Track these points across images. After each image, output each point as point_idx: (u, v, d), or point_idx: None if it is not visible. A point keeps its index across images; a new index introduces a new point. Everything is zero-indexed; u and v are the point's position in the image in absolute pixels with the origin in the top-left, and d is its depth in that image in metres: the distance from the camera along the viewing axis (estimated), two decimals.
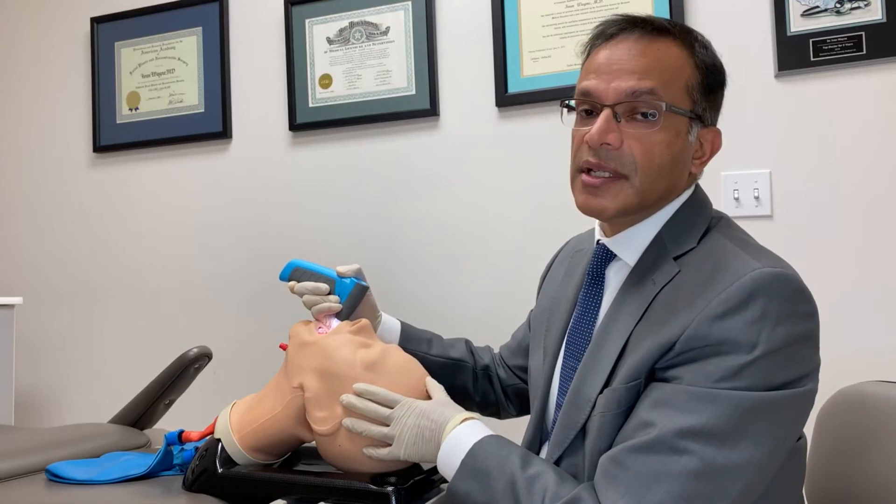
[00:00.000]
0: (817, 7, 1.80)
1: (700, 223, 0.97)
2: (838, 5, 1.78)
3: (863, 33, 1.76)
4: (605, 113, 0.93)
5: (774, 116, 1.84)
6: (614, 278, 1.00)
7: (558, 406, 1.01)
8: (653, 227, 0.97)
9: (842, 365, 1.75)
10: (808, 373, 0.86)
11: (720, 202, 1.87)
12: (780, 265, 0.88)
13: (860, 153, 1.78)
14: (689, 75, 0.94)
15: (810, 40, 1.80)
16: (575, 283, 1.09)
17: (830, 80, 1.80)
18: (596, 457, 0.88)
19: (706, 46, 0.98)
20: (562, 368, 1.04)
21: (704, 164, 0.99)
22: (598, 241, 1.03)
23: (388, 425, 0.98)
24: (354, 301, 1.16)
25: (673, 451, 0.81)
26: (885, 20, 1.74)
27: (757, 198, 1.84)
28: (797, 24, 1.81)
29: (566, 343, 1.04)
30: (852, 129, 1.78)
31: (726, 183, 1.87)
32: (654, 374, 0.88)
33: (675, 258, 0.93)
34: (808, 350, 0.87)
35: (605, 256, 1.01)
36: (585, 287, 1.03)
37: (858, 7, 1.76)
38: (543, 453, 1.05)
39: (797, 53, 1.81)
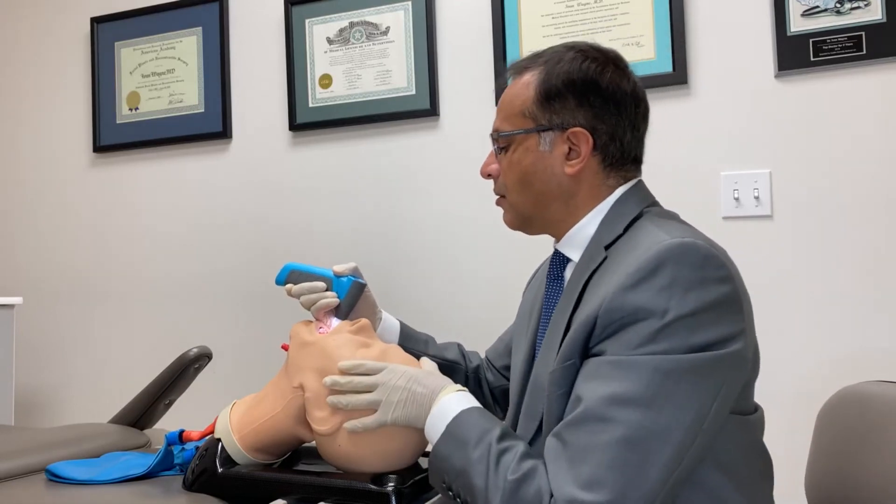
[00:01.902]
0: (817, 7, 1.80)
1: (629, 213, 1.01)
2: (838, 5, 1.78)
3: (863, 33, 1.76)
4: (491, 150, 1.09)
5: (774, 116, 1.84)
6: (569, 277, 1.06)
7: None
8: (591, 225, 1.03)
9: (842, 365, 1.75)
10: (731, 335, 0.88)
11: (720, 202, 1.87)
12: (690, 236, 0.91)
13: (860, 153, 1.78)
14: (525, 98, 1.04)
15: (810, 40, 1.80)
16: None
17: (830, 80, 1.80)
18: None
19: (566, 61, 1.03)
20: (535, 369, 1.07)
21: (583, 160, 1.02)
22: (554, 247, 1.10)
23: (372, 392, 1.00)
24: (353, 299, 1.16)
25: (600, 421, 0.84)
26: (885, 20, 1.74)
27: (757, 198, 1.84)
28: (797, 24, 1.81)
29: (538, 345, 1.08)
30: (852, 128, 1.78)
31: (726, 183, 1.87)
32: (588, 353, 0.92)
33: (606, 247, 0.99)
34: (727, 313, 0.88)
35: (560, 259, 1.08)
36: (546, 290, 1.09)
37: (858, 7, 1.76)
38: None
39: (797, 53, 1.81)
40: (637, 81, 1.06)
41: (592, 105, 1.02)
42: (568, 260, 1.06)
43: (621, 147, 1.03)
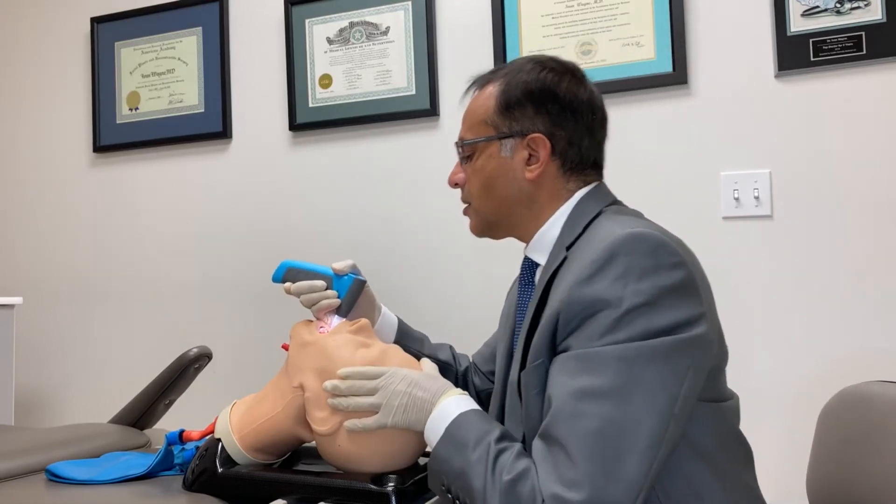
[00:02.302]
0: (817, 7, 1.80)
1: (589, 213, 1.04)
2: (838, 5, 1.78)
3: (863, 33, 1.76)
4: (458, 160, 1.15)
5: (774, 116, 1.84)
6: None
7: None
8: (554, 228, 1.06)
9: (842, 365, 1.75)
10: (691, 319, 0.89)
11: (720, 202, 1.87)
12: (642, 227, 0.93)
13: (860, 153, 1.78)
14: (487, 108, 1.09)
15: (810, 40, 1.80)
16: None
17: (830, 80, 1.80)
18: (532, 436, 0.93)
19: (525, 72, 1.08)
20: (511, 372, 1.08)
21: (542, 165, 1.06)
22: (524, 252, 1.12)
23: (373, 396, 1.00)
24: (353, 296, 1.16)
25: (572, 417, 0.85)
26: (885, 20, 1.74)
27: (757, 198, 1.84)
28: (797, 24, 1.81)
29: (514, 348, 1.09)
30: (852, 128, 1.78)
31: (726, 183, 1.87)
32: (555, 351, 0.93)
33: (567, 247, 1.01)
34: (683, 297, 0.90)
35: (530, 264, 1.11)
36: (519, 295, 1.12)
37: (858, 7, 1.76)
38: None
39: (797, 53, 1.81)
40: (594, 91, 1.11)
41: (550, 112, 1.06)
42: (537, 265, 1.09)
43: (580, 152, 1.07)
